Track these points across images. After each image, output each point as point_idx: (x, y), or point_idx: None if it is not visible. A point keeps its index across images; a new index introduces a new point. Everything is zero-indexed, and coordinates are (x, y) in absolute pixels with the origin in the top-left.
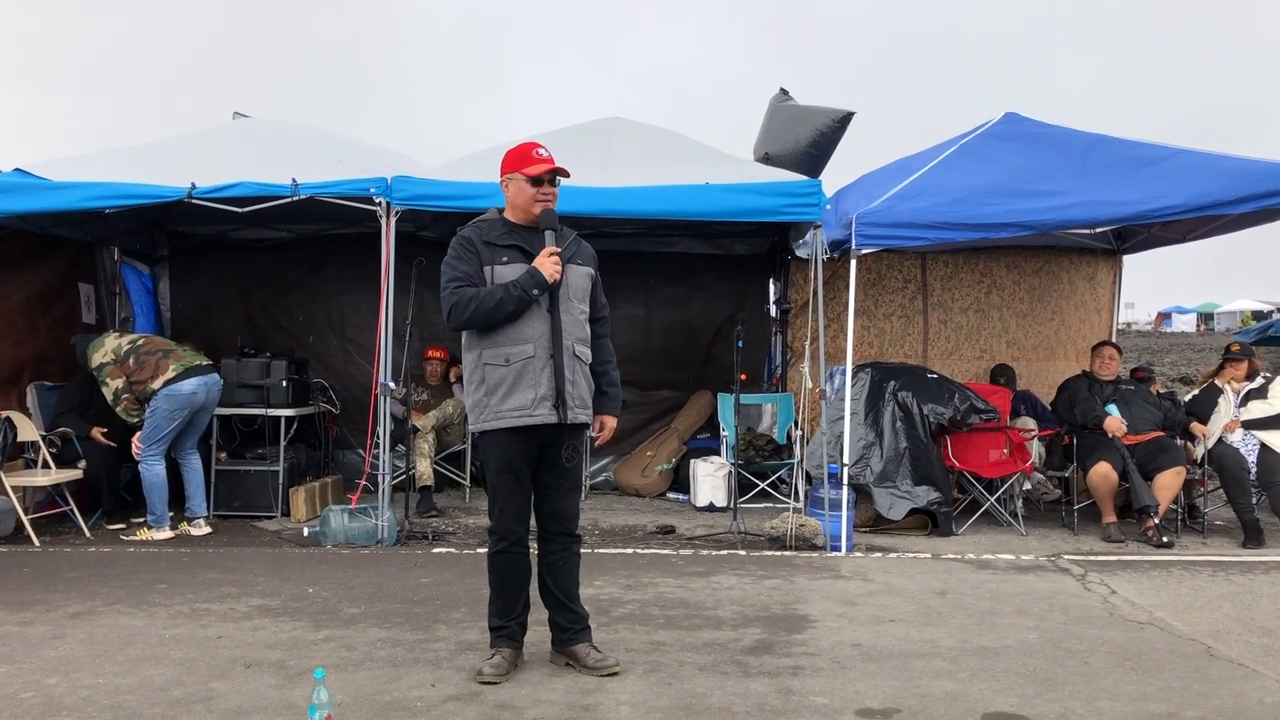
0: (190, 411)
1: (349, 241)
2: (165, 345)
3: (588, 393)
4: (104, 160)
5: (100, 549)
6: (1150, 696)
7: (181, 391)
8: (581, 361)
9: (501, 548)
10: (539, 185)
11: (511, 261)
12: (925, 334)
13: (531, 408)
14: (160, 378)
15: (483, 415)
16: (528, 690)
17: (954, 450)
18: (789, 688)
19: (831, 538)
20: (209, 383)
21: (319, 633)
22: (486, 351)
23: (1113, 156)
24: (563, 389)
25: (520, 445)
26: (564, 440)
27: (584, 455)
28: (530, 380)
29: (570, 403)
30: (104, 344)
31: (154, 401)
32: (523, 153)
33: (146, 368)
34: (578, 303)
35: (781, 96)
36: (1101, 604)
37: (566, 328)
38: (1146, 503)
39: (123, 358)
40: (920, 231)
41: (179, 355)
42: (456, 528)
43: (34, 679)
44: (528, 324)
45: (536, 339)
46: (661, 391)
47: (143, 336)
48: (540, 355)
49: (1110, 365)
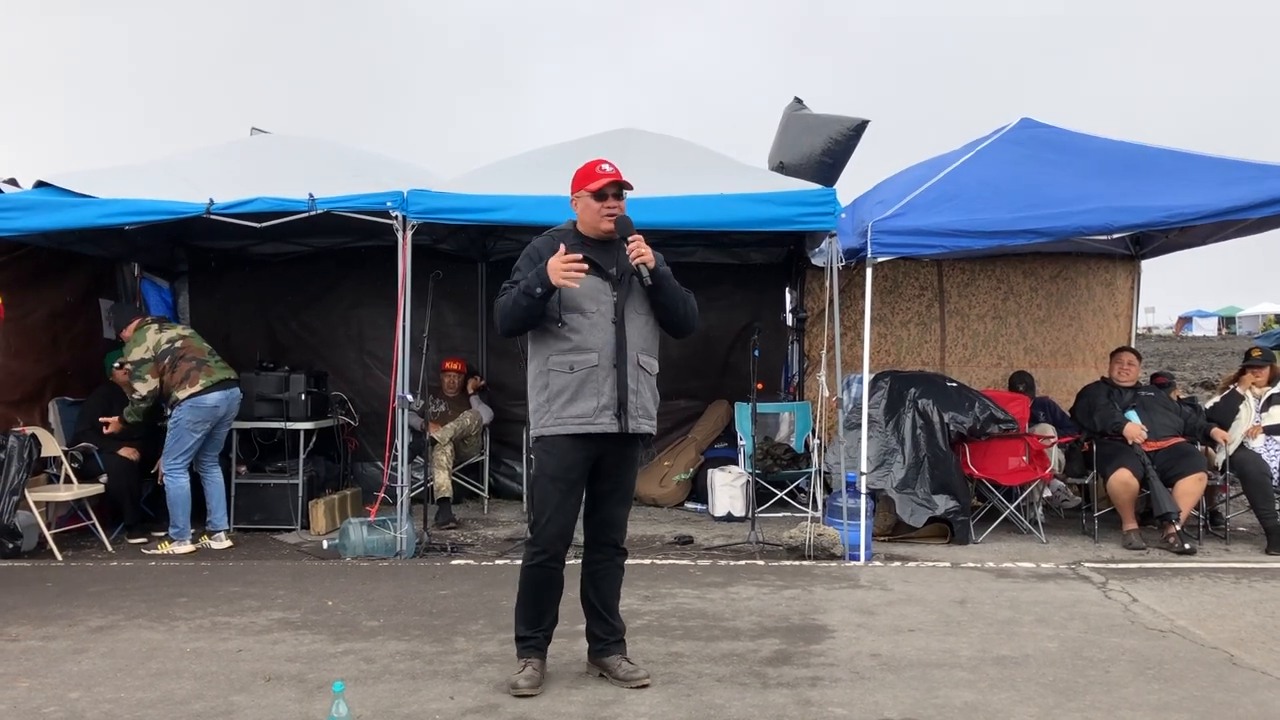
0: (211, 424)
1: (367, 255)
2: (201, 354)
3: (652, 403)
4: (122, 175)
5: (122, 563)
6: (1172, 706)
7: (205, 404)
8: (646, 372)
9: (538, 561)
10: (603, 200)
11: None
12: (942, 341)
13: (593, 416)
14: (188, 388)
15: (543, 420)
16: (546, 702)
17: (973, 458)
18: (808, 699)
19: (850, 547)
20: (230, 396)
21: (338, 645)
22: (553, 358)
23: (1129, 161)
24: (625, 399)
25: (578, 454)
26: (624, 449)
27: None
28: (593, 388)
29: (633, 412)
30: (145, 339)
31: (177, 412)
32: (587, 171)
33: (178, 373)
34: (643, 313)
35: (796, 105)
36: (1123, 612)
37: (631, 338)
38: (1168, 509)
39: (159, 356)
40: (936, 239)
41: (210, 369)
42: (475, 539)
43: (57, 693)
44: (593, 333)
45: (601, 348)
46: (679, 401)
47: (182, 338)
48: (604, 364)
49: (1130, 371)
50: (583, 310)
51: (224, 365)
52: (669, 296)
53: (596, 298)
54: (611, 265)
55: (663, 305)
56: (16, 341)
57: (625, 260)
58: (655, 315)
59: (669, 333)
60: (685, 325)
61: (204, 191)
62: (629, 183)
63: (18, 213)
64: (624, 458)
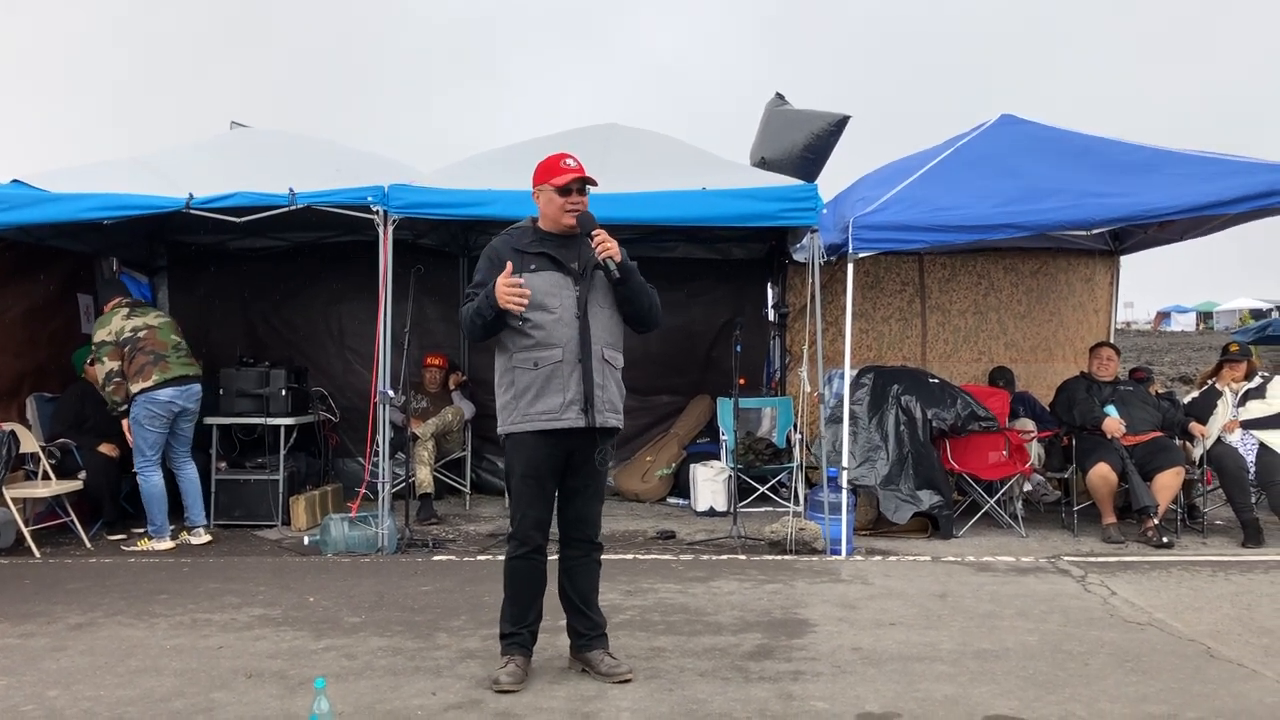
0: (169, 417)
1: (347, 250)
2: (162, 348)
3: (618, 397)
4: (101, 171)
5: (101, 560)
6: (1150, 698)
7: (157, 400)
8: (611, 366)
9: (520, 554)
10: (567, 195)
11: (540, 269)
12: (924, 336)
13: (559, 411)
14: (140, 382)
15: (510, 417)
16: (529, 698)
17: (953, 453)
18: (789, 693)
19: (832, 541)
20: (186, 392)
21: (320, 642)
22: (517, 355)
23: (1108, 158)
24: (591, 393)
25: (546, 449)
26: (594, 445)
27: (608, 466)
28: (559, 384)
29: (599, 406)
30: (110, 323)
31: (133, 408)
32: (551, 164)
33: (134, 365)
34: (607, 307)
35: (777, 101)
36: (1101, 605)
37: (595, 333)
38: (1146, 503)
39: (121, 343)
40: (917, 234)
41: (167, 365)
42: (457, 535)
43: (35, 691)
44: (556, 328)
45: (565, 343)
46: (661, 397)
47: (147, 328)
48: (569, 360)
49: (1109, 366)
50: (545, 307)
51: (186, 361)
52: (634, 290)
53: (558, 294)
54: (573, 260)
55: (627, 299)
56: None
57: (588, 254)
58: (620, 310)
59: (633, 327)
60: (649, 319)
61: (183, 186)
62: (593, 179)
63: None
64: (599, 450)
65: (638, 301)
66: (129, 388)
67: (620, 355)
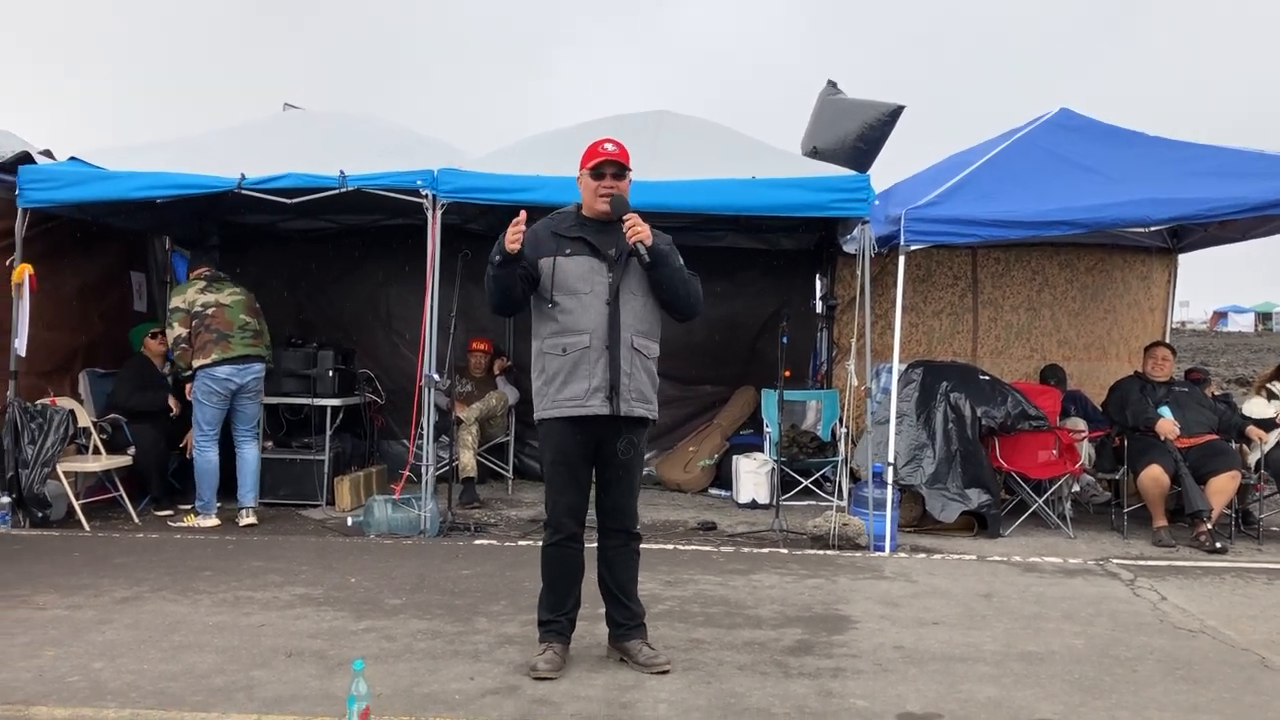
0: (227, 395)
1: (395, 233)
2: (227, 328)
3: (649, 387)
4: (155, 149)
5: (148, 535)
6: (1201, 708)
7: (215, 376)
8: (642, 355)
9: (554, 540)
10: (600, 179)
11: (575, 254)
12: (975, 332)
13: (584, 398)
14: (201, 359)
15: (541, 403)
16: (566, 685)
17: (1002, 451)
18: (829, 689)
19: (875, 537)
20: (245, 370)
21: (360, 623)
22: (546, 341)
23: (1170, 155)
24: (617, 380)
25: (574, 436)
26: (621, 434)
27: (642, 456)
28: (585, 371)
29: (625, 395)
30: (185, 292)
31: (195, 383)
32: (591, 149)
33: (198, 341)
34: (640, 295)
35: (830, 90)
36: (1151, 610)
37: (625, 319)
38: (1199, 507)
39: (191, 314)
40: (971, 228)
41: (229, 345)
42: (498, 520)
43: (81, 663)
44: (584, 314)
45: (593, 329)
46: (705, 387)
47: (217, 305)
48: (596, 346)
49: (1164, 366)
50: (575, 291)
51: (250, 342)
52: (668, 276)
53: (590, 279)
54: (610, 246)
55: (661, 284)
56: (49, 313)
57: (625, 241)
58: (656, 297)
59: (672, 315)
60: (687, 307)
61: (235, 167)
62: (628, 164)
63: (51, 185)
64: (624, 440)
65: (671, 287)
66: (191, 358)
67: (654, 344)
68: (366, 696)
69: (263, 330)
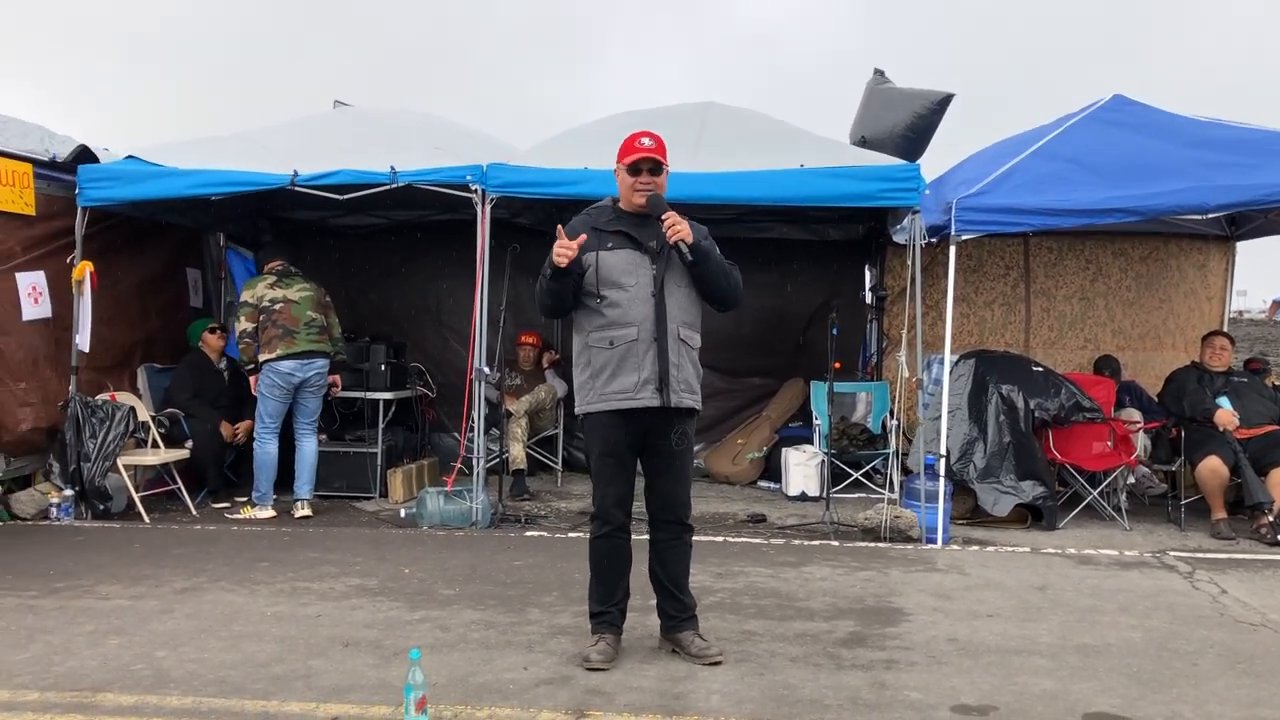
0: (290, 389)
1: (445, 228)
2: (293, 324)
3: (694, 377)
4: (208, 147)
5: (205, 527)
6: (1264, 702)
7: (279, 370)
8: (687, 346)
9: (603, 532)
10: (636, 174)
11: (617, 248)
12: (1027, 322)
13: (634, 391)
14: (266, 353)
15: (587, 397)
16: (619, 676)
17: (1056, 443)
18: (882, 681)
19: (927, 530)
20: (308, 365)
21: (415, 613)
22: (593, 334)
23: (1226, 139)
24: (666, 372)
25: (623, 429)
26: (671, 425)
27: (692, 447)
28: (634, 363)
29: (675, 386)
30: (255, 286)
31: (259, 378)
32: (626, 143)
33: (264, 335)
34: (684, 285)
35: (878, 79)
36: (1211, 603)
37: (671, 311)
38: (1260, 499)
39: (259, 309)
40: (1023, 217)
41: (294, 341)
42: (548, 511)
43: (144, 651)
44: (632, 307)
45: (640, 322)
46: (753, 379)
47: (285, 301)
48: (644, 339)
49: (1222, 356)
50: (621, 285)
51: (315, 339)
52: (710, 271)
53: (635, 271)
54: (652, 239)
55: (704, 278)
56: (108, 309)
57: (664, 234)
58: (697, 288)
59: (713, 306)
60: (727, 299)
61: (288, 164)
62: (664, 159)
63: (108, 183)
64: (676, 431)
65: (714, 282)
66: (255, 352)
67: (697, 335)
68: (423, 685)
69: (331, 324)
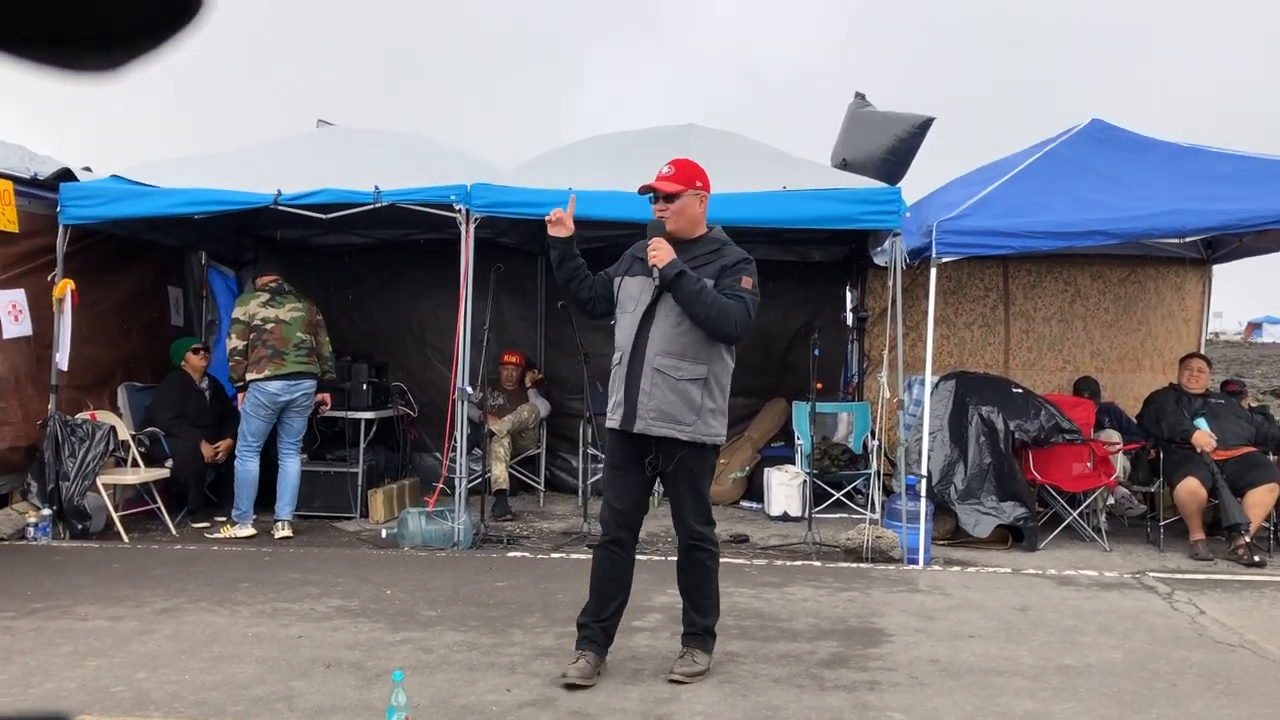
0: (275, 409)
1: (428, 247)
2: (282, 345)
3: (677, 407)
4: (191, 165)
5: (186, 546)
6: None
7: (265, 390)
8: (665, 375)
9: (599, 543)
10: (654, 204)
11: (633, 273)
12: (1006, 344)
13: (610, 410)
14: (254, 373)
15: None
16: (602, 698)
17: (1036, 464)
18: (865, 702)
19: (909, 550)
20: (295, 386)
21: (397, 634)
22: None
23: (1203, 164)
24: (635, 398)
25: (619, 444)
26: (649, 450)
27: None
28: (617, 385)
29: (642, 413)
30: (248, 303)
31: (247, 395)
32: None
33: (253, 355)
34: (674, 315)
35: (860, 102)
36: (1189, 624)
37: (652, 338)
38: (1237, 520)
39: (250, 327)
40: (1002, 239)
41: (282, 362)
42: (531, 532)
43: (124, 673)
44: (624, 330)
45: (625, 345)
46: (735, 399)
47: (276, 321)
48: (624, 362)
49: (1199, 378)
50: (624, 309)
51: (303, 360)
52: (683, 300)
53: (639, 297)
54: None
55: (682, 307)
56: (88, 327)
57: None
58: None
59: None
60: (713, 330)
61: (271, 183)
62: (665, 190)
63: (90, 200)
64: (655, 456)
65: (689, 310)
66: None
67: (687, 365)
68: (406, 707)
69: (322, 343)
